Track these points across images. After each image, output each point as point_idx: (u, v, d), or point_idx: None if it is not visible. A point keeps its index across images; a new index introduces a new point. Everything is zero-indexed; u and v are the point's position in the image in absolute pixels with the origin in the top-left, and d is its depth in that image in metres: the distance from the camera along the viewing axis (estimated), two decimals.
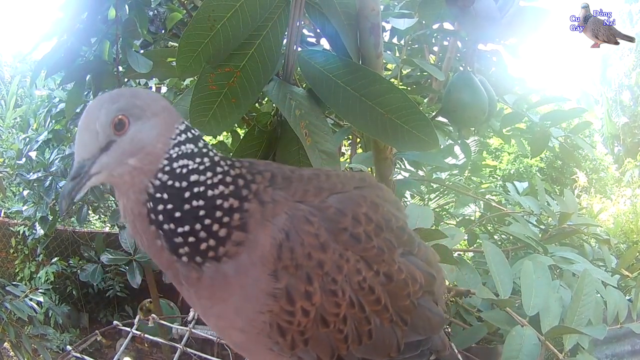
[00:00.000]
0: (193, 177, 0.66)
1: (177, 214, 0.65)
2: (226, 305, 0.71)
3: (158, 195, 0.66)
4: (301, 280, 0.69)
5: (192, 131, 0.71)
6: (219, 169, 0.69)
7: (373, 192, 0.84)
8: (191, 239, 0.66)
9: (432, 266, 0.88)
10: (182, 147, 0.68)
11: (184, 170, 0.66)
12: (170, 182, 0.66)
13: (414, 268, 0.81)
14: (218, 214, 0.66)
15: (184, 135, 0.69)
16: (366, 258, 0.75)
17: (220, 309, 0.72)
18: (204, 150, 0.69)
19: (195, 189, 0.66)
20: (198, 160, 0.68)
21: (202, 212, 0.66)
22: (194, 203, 0.66)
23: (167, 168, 0.66)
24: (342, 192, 0.78)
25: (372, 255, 0.75)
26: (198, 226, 0.66)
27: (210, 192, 0.67)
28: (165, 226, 0.66)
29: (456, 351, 1.17)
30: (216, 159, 0.70)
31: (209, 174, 0.67)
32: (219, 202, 0.67)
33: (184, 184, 0.66)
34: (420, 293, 0.81)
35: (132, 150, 0.65)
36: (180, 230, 0.66)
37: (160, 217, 0.66)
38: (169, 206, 0.65)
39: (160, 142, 0.67)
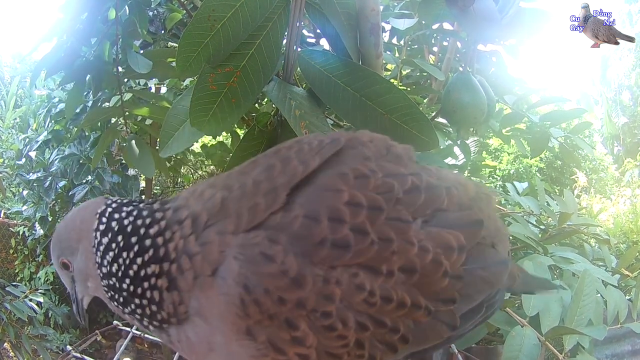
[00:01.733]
0: (114, 268, 0.65)
1: (122, 300, 0.66)
2: None
3: (110, 294, 0.67)
4: (282, 329, 0.57)
5: (104, 217, 0.66)
6: (135, 241, 0.64)
7: (356, 156, 0.66)
8: (139, 311, 0.65)
9: (475, 207, 0.69)
10: (100, 247, 0.66)
11: (109, 268, 0.65)
12: (108, 283, 0.66)
13: (446, 233, 0.63)
14: (145, 283, 0.63)
15: (98, 233, 0.66)
16: (366, 263, 0.58)
17: None
18: (117, 229, 0.65)
19: (120, 273, 0.65)
20: (114, 246, 0.65)
21: (132, 288, 0.64)
22: (125, 285, 0.64)
23: (101, 274, 0.66)
24: (308, 184, 0.61)
25: (373, 256, 0.58)
26: (137, 301, 0.64)
27: (133, 269, 0.64)
28: (126, 310, 0.67)
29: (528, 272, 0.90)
30: (129, 229, 0.64)
31: (125, 254, 0.64)
32: (142, 272, 0.63)
33: (113, 279, 0.65)
34: (463, 257, 0.63)
35: (83, 279, 0.71)
36: (129, 309, 0.66)
37: (120, 308, 0.67)
38: (118, 298, 0.66)
39: (90, 261, 0.67)
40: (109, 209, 0.66)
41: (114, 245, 0.64)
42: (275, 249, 0.56)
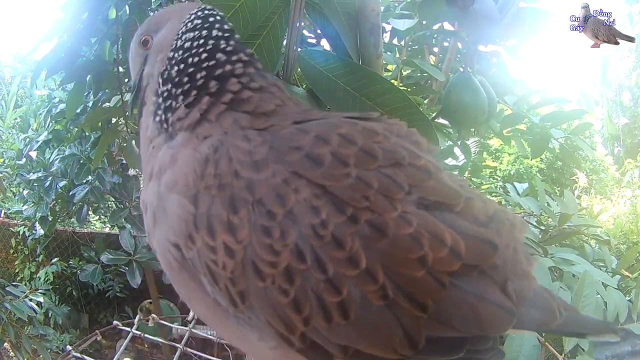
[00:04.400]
0: (185, 54, 0.69)
1: (166, 76, 0.70)
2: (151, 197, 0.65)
3: (165, 68, 0.71)
4: (224, 205, 0.55)
5: (205, 11, 0.72)
6: (218, 42, 0.69)
7: (378, 124, 0.63)
8: (166, 100, 0.68)
9: (492, 229, 0.60)
10: (189, 24, 0.71)
11: (183, 44, 0.70)
12: (173, 55, 0.70)
13: (443, 227, 0.55)
14: (187, 84, 0.67)
15: (193, 15, 0.71)
16: (334, 191, 0.54)
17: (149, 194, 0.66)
18: (210, 25, 0.70)
19: (182, 57, 0.69)
20: (198, 33, 0.69)
21: (178, 77, 0.68)
22: (179, 68, 0.69)
23: (174, 47, 0.71)
24: (322, 118, 0.63)
25: (344, 189, 0.54)
26: (172, 90, 0.68)
27: (194, 67, 0.67)
28: (160, 90, 0.70)
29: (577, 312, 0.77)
30: (215, 34, 0.69)
31: (197, 50, 0.68)
32: (193, 74, 0.67)
33: (178, 54, 0.69)
34: (455, 265, 0.55)
35: (156, 51, 0.73)
36: (162, 90, 0.69)
37: (160, 84, 0.70)
38: (165, 73, 0.70)
39: (172, 33, 0.72)
40: (214, 13, 0.72)
41: (197, 35, 0.69)
42: (257, 137, 0.59)
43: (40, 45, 1.68)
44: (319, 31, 1.60)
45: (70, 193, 3.05)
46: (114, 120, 2.03)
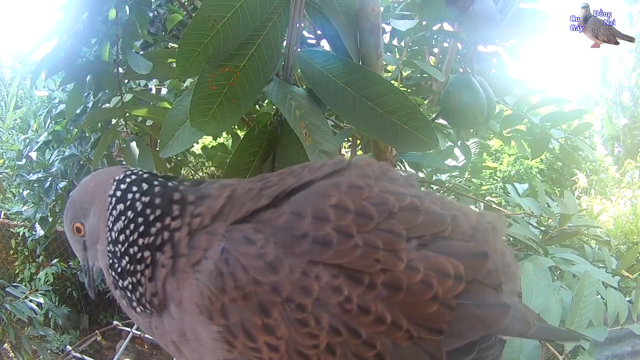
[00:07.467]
0: (121, 237, 0.66)
1: (119, 271, 0.67)
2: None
3: (111, 262, 0.68)
4: (254, 312, 0.58)
5: (122, 185, 0.68)
6: (141, 221, 0.65)
7: (355, 173, 0.68)
8: (130, 288, 0.66)
9: (479, 238, 0.67)
10: (114, 212, 0.67)
11: (117, 235, 0.67)
12: (113, 249, 0.67)
13: (444, 259, 0.61)
14: (139, 266, 0.65)
15: (113, 199, 0.68)
16: (348, 266, 0.58)
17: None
18: (129, 204, 0.66)
19: (123, 246, 0.66)
20: (124, 218, 0.66)
21: (129, 265, 0.66)
22: (125, 259, 0.66)
23: (109, 238, 0.68)
24: (302, 190, 0.64)
25: (356, 260, 0.58)
26: (130, 279, 0.66)
27: (134, 249, 0.65)
28: (119, 284, 0.68)
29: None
30: (140, 209, 0.65)
31: (131, 231, 0.65)
32: (139, 255, 0.65)
33: (118, 247, 0.67)
34: (459, 288, 0.61)
35: (93, 241, 0.71)
36: (122, 284, 0.67)
37: (115, 279, 0.68)
38: (117, 268, 0.67)
39: (102, 222, 0.69)
40: (128, 179, 0.68)
41: (123, 217, 0.66)
42: (257, 235, 0.60)
43: (40, 46, 1.68)
44: (319, 31, 1.60)
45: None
46: (113, 121, 2.03)
